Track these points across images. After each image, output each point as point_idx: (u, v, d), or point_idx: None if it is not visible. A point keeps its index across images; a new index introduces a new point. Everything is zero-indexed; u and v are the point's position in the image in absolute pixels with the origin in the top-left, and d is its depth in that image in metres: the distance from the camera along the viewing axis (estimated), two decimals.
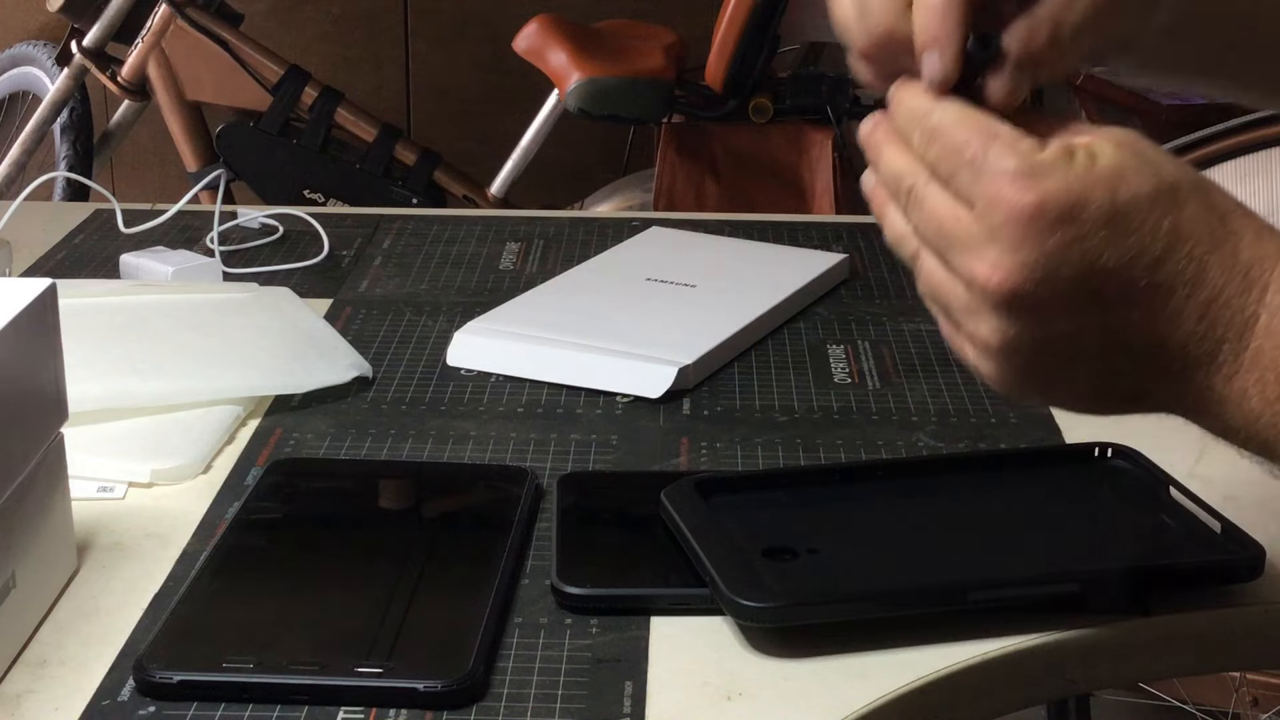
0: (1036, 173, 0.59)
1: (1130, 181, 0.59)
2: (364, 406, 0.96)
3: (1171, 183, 0.60)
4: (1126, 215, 0.59)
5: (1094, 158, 0.60)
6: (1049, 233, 0.59)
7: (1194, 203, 0.60)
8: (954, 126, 0.61)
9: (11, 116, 3.02)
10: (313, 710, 0.66)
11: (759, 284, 1.11)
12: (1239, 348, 0.60)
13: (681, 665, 0.70)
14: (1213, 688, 2.02)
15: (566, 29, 2.47)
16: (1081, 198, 0.59)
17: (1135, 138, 0.61)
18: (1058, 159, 0.60)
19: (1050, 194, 0.59)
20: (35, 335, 0.71)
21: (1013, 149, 0.60)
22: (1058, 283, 0.59)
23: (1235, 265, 0.59)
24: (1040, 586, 0.73)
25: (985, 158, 0.60)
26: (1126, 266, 0.59)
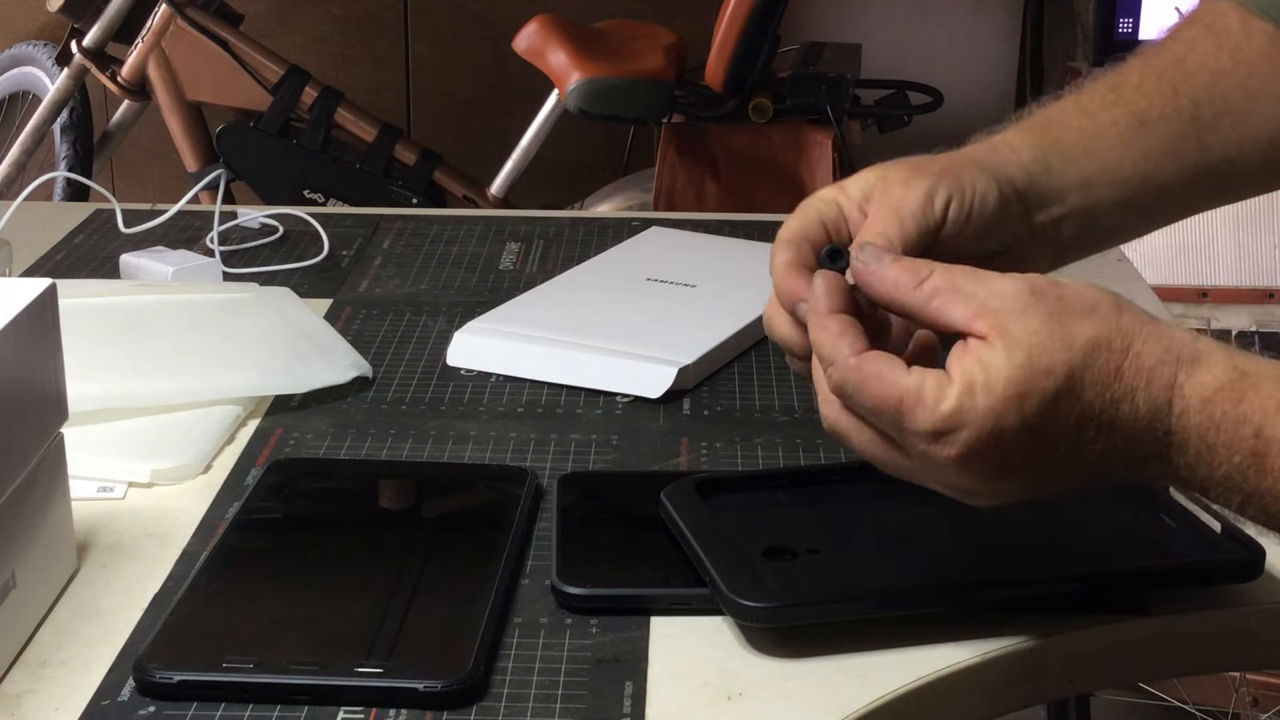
0: (952, 426, 0.65)
1: (1031, 395, 0.65)
2: (364, 406, 0.96)
3: (1065, 374, 0.65)
4: (1039, 422, 0.65)
5: (991, 383, 0.65)
6: (980, 467, 0.66)
7: (1089, 380, 0.66)
8: (858, 392, 0.68)
9: (11, 116, 3.02)
10: (313, 710, 0.66)
11: (759, 284, 1.10)
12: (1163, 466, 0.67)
13: (681, 665, 0.70)
14: (1213, 688, 2.02)
15: (566, 29, 2.47)
16: (997, 429, 0.65)
17: (1030, 305, 0.66)
18: (961, 404, 0.65)
19: (971, 441, 0.65)
20: (35, 335, 0.71)
21: (921, 409, 0.66)
22: (998, 486, 0.68)
23: (1136, 420, 0.66)
24: (1040, 586, 0.73)
25: (901, 422, 0.66)
26: (1050, 454, 0.66)
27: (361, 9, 3.25)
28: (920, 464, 0.68)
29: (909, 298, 0.68)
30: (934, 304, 0.68)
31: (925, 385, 0.66)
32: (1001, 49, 3.31)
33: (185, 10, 2.65)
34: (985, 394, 0.65)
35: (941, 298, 0.68)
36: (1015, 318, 0.66)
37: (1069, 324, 0.66)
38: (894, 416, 0.67)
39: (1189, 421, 0.65)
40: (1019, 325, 0.66)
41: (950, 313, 0.67)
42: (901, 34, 3.27)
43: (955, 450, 0.66)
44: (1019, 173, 0.79)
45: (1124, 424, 0.66)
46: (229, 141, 2.62)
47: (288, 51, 2.75)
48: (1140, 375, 0.66)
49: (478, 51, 3.22)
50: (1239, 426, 0.65)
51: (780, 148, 2.43)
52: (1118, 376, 0.66)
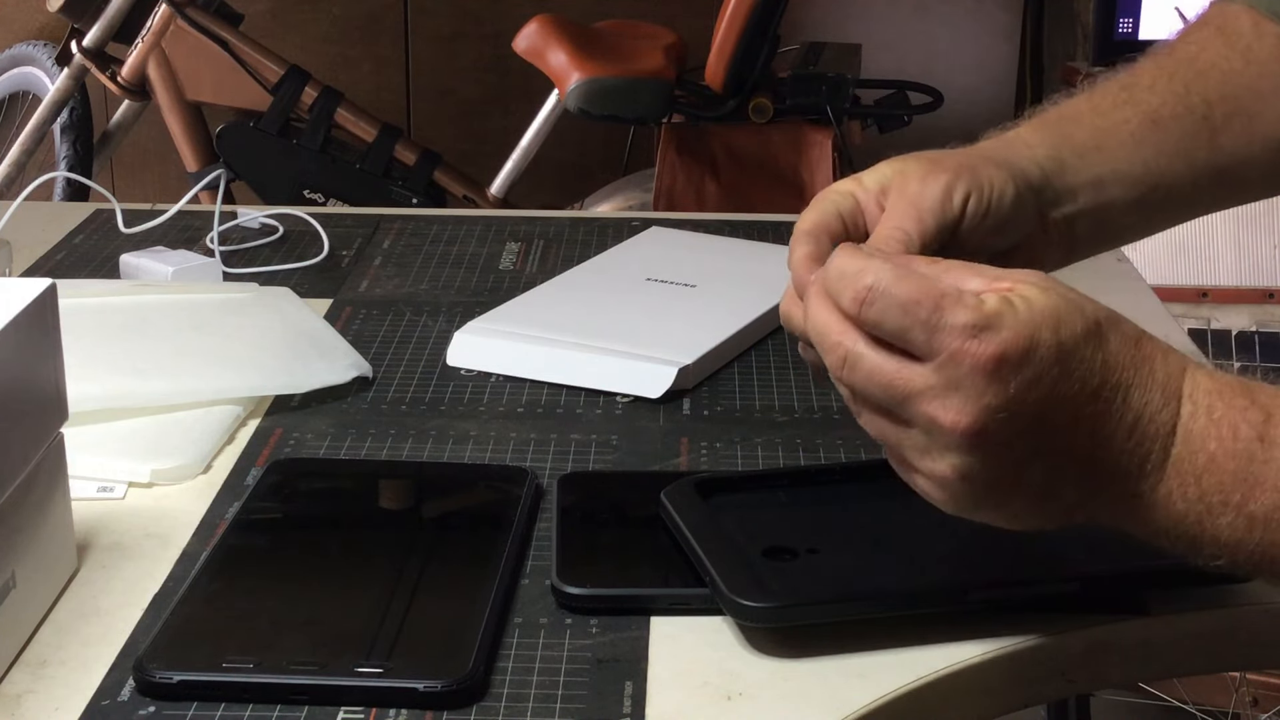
0: (992, 324, 0.64)
1: (1067, 321, 0.65)
2: (364, 406, 0.96)
3: (1096, 320, 0.65)
4: (1070, 353, 0.64)
5: (1030, 302, 0.64)
6: (1010, 378, 0.64)
7: (1115, 335, 0.66)
8: (895, 285, 0.65)
9: (11, 116, 3.02)
10: (313, 710, 0.66)
11: (759, 284, 1.11)
12: (1162, 457, 0.66)
13: (681, 665, 0.70)
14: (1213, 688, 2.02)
15: (566, 29, 2.47)
16: (1033, 341, 0.64)
17: (1053, 280, 0.67)
18: (1003, 307, 0.64)
19: (1008, 343, 0.63)
20: (35, 335, 0.71)
21: (962, 304, 0.64)
22: (1017, 420, 0.64)
23: (1153, 384, 0.66)
24: (1040, 586, 0.73)
25: (940, 315, 0.64)
26: (1073, 398, 0.65)
27: (361, 9, 3.25)
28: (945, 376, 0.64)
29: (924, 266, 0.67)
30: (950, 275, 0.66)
31: (964, 289, 0.64)
32: (1001, 49, 3.31)
33: (185, 10, 2.66)
34: (1025, 309, 0.64)
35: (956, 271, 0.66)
36: (1039, 278, 0.66)
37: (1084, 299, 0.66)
38: (931, 311, 0.64)
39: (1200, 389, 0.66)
40: (1045, 280, 0.66)
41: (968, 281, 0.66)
42: (901, 34, 3.27)
43: (993, 348, 0.63)
44: (1034, 169, 0.79)
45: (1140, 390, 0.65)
46: (229, 141, 2.63)
47: (288, 51, 2.75)
48: (1156, 351, 0.66)
49: (478, 51, 3.22)
50: (1247, 411, 0.65)
51: (780, 148, 2.43)
52: (1136, 346, 0.66)
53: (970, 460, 0.65)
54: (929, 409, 0.65)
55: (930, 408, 0.65)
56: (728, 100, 2.41)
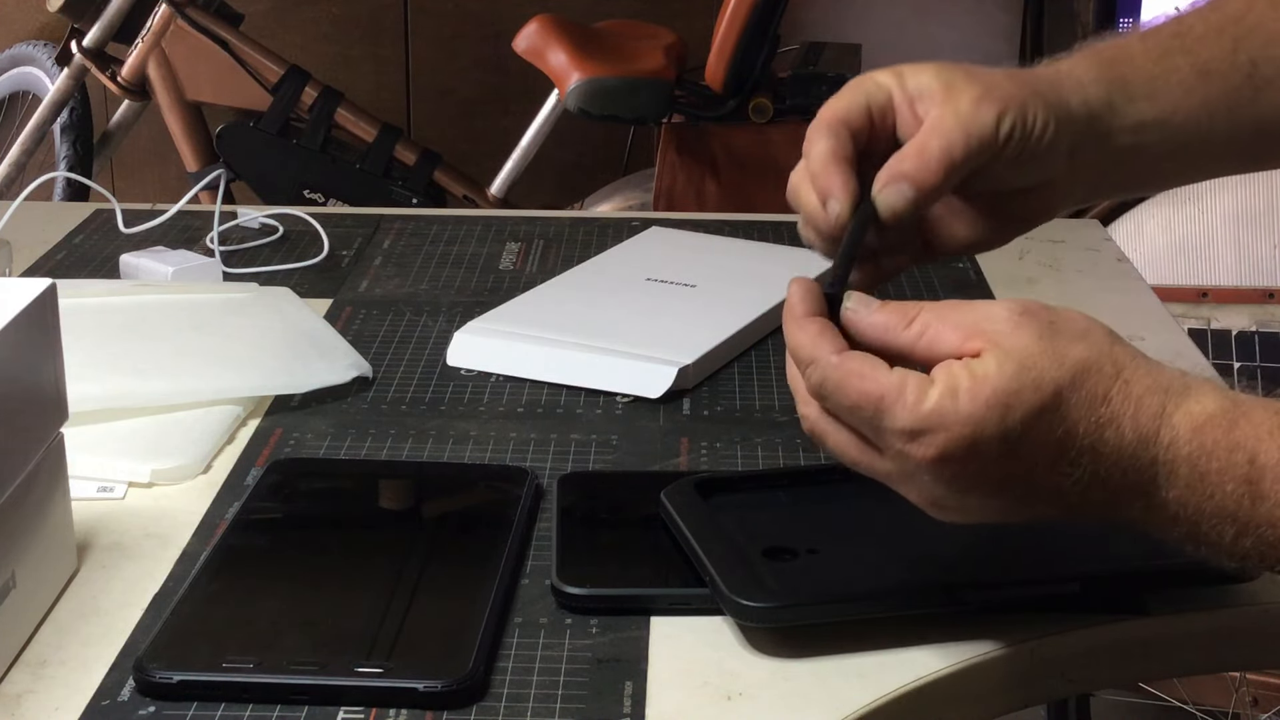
0: (930, 426, 0.64)
1: (1015, 407, 0.64)
2: (364, 406, 0.96)
3: (1053, 390, 0.65)
4: (1018, 438, 0.64)
5: (978, 388, 0.64)
6: (956, 474, 0.65)
7: (1076, 400, 0.65)
8: (839, 389, 0.66)
9: (11, 116, 3.02)
10: (313, 710, 0.66)
11: (759, 284, 1.11)
12: (1146, 504, 0.66)
13: (681, 665, 0.70)
14: (1213, 688, 2.02)
15: (566, 29, 2.47)
16: (975, 437, 0.64)
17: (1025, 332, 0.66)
18: (943, 402, 0.64)
19: (948, 443, 0.64)
20: (35, 335, 0.71)
21: (902, 405, 0.65)
22: (972, 499, 0.67)
23: (1122, 446, 0.65)
24: (1040, 586, 0.73)
25: (880, 418, 0.65)
26: (1029, 472, 0.65)
27: (361, 9, 3.25)
28: (896, 467, 0.67)
29: (899, 338, 0.68)
30: (925, 339, 0.67)
31: (908, 384, 0.65)
32: (1001, 49, 3.31)
33: (185, 10, 2.65)
34: (969, 399, 0.64)
35: (932, 331, 0.67)
36: (1007, 335, 0.65)
37: (1060, 343, 0.65)
38: (873, 414, 0.65)
39: (1179, 451, 0.64)
40: (1011, 340, 0.65)
41: (942, 343, 0.67)
42: (901, 34, 3.27)
43: (931, 452, 0.65)
44: (1081, 109, 0.77)
45: (1108, 451, 0.65)
46: (229, 141, 2.62)
47: (288, 51, 2.75)
48: (1128, 402, 0.65)
49: (478, 51, 3.22)
50: (1232, 453, 0.64)
51: (780, 148, 2.43)
52: (1105, 401, 0.65)
53: (948, 517, 0.68)
54: (895, 486, 0.68)
55: (896, 486, 0.68)
56: (728, 100, 2.41)
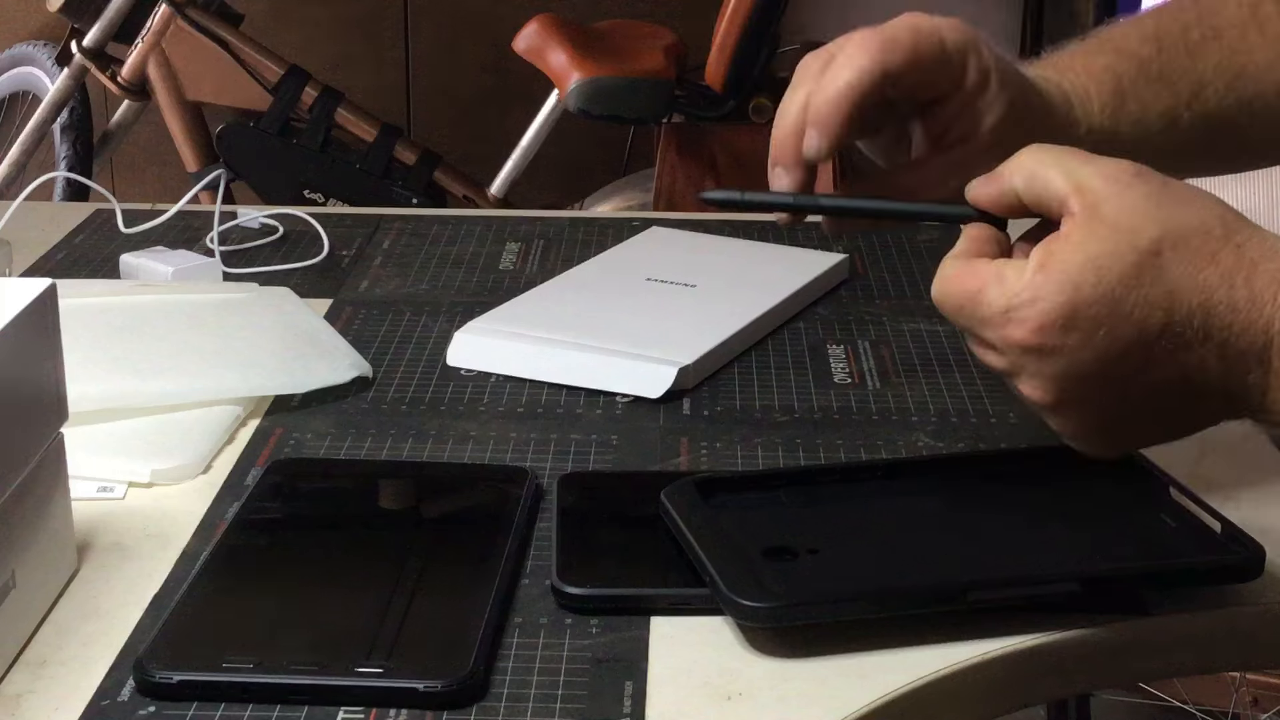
0: (1025, 302, 0.65)
1: (1112, 268, 0.64)
2: (364, 406, 0.96)
3: (1150, 248, 0.63)
4: (1118, 300, 0.64)
5: (1071, 257, 0.64)
6: (1059, 348, 0.65)
7: (1179, 258, 0.63)
8: (947, 291, 0.68)
9: (11, 116, 3.02)
10: (313, 710, 0.66)
11: (759, 284, 1.11)
12: (1264, 371, 0.64)
13: (681, 665, 0.70)
14: (1213, 688, 2.02)
15: (566, 29, 2.47)
16: (1072, 305, 0.64)
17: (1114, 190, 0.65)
18: (1037, 278, 0.65)
19: (1045, 315, 0.64)
20: (35, 335, 0.71)
21: (996, 289, 0.66)
22: (1087, 381, 0.65)
23: (1235, 305, 0.63)
24: (1040, 586, 0.73)
25: (979, 310, 0.66)
26: (1138, 341, 0.64)
27: (361, 9, 3.25)
28: (1007, 361, 0.67)
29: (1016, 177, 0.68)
30: (1039, 173, 0.67)
31: (1003, 270, 0.65)
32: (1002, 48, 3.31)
33: (185, 10, 2.66)
34: (1058, 269, 0.63)
35: (1046, 168, 0.67)
36: (1110, 197, 0.65)
37: (1167, 205, 0.64)
38: (974, 309, 0.66)
39: None
40: (1113, 204, 0.64)
41: (1053, 179, 0.66)
42: None
43: (1029, 327, 0.64)
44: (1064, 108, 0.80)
45: (1221, 311, 0.63)
46: (229, 141, 2.62)
47: (288, 51, 2.75)
48: (1241, 263, 0.63)
49: (478, 51, 3.22)
50: None
51: None
52: (1213, 261, 0.63)
53: (1069, 421, 0.68)
54: (1016, 386, 0.68)
55: (1016, 385, 0.68)
56: (728, 100, 2.41)
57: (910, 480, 0.82)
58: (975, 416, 0.95)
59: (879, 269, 1.20)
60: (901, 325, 1.09)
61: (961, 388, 0.98)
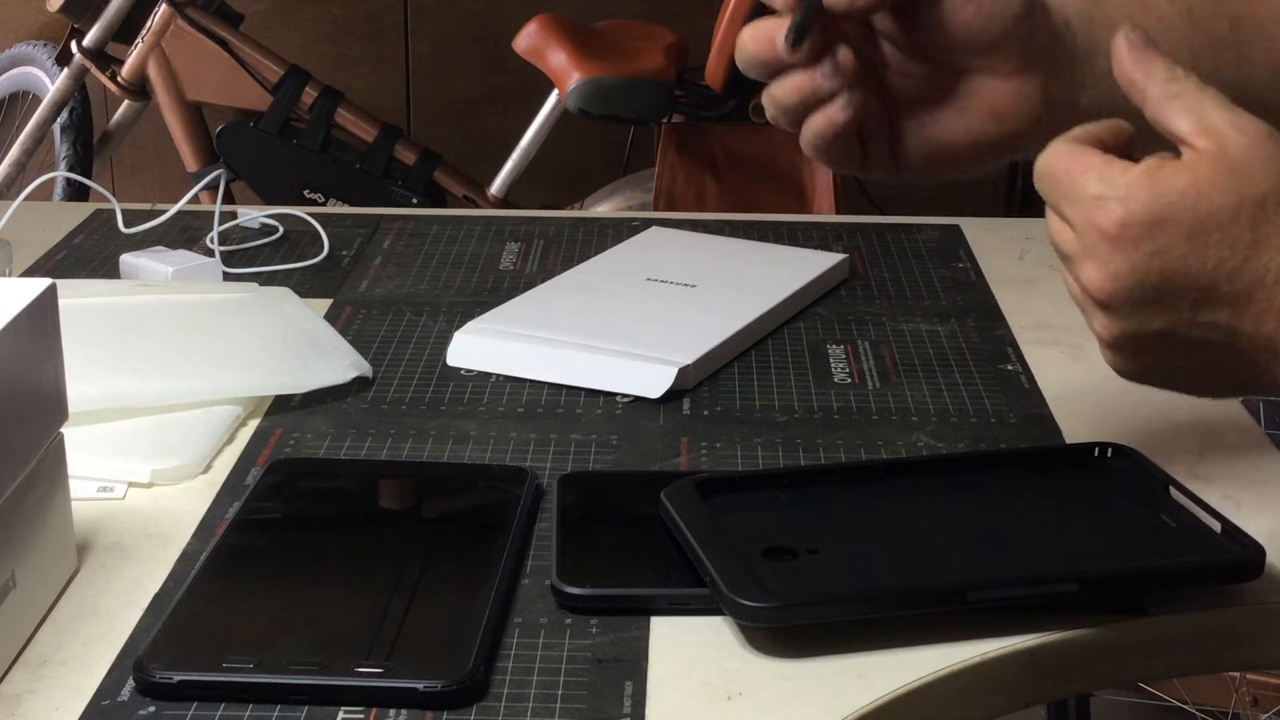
0: (1120, 196, 0.65)
1: (1213, 198, 0.64)
2: (364, 406, 0.96)
3: (1257, 197, 0.64)
4: (1205, 231, 0.65)
5: (1178, 175, 0.65)
6: (1133, 247, 0.65)
7: None
8: (1051, 163, 0.69)
9: (11, 116, 3.02)
10: (313, 710, 0.66)
11: (759, 284, 1.11)
12: None
13: (681, 665, 0.70)
14: (1213, 688, 2.02)
15: (566, 29, 2.47)
16: (1162, 215, 0.65)
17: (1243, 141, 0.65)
18: (1141, 179, 0.65)
19: (1132, 214, 0.65)
20: (35, 335, 0.71)
21: (1098, 175, 0.66)
22: (1145, 289, 0.66)
23: None
24: (1040, 586, 0.73)
25: (1075, 187, 0.67)
26: (1207, 274, 0.65)
27: (361, 9, 3.25)
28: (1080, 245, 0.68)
29: (1155, 87, 0.68)
30: (1172, 103, 0.67)
31: (1113, 161, 0.67)
32: None
33: (185, 10, 2.65)
34: (1167, 178, 0.65)
35: (1181, 101, 0.67)
36: (1238, 145, 0.65)
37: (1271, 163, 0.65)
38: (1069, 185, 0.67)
39: None
40: (1239, 150, 0.65)
41: (1180, 119, 0.67)
42: None
43: (1111, 219, 0.65)
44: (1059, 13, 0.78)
45: None
46: (229, 141, 2.62)
47: (288, 51, 2.75)
48: None
49: (478, 51, 3.22)
50: None
51: (780, 148, 2.43)
52: None
53: (1113, 323, 0.68)
54: (1077, 271, 0.69)
55: (1077, 270, 0.69)
56: (728, 100, 2.41)
57: (910, 480, 0.83)
58: (975, 416, 0.95)
59: (879, 269, 1.20)
60: (901, 325, 1.09)
61: (961, 388, 0.99)
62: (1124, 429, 0.91)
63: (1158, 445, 0.84)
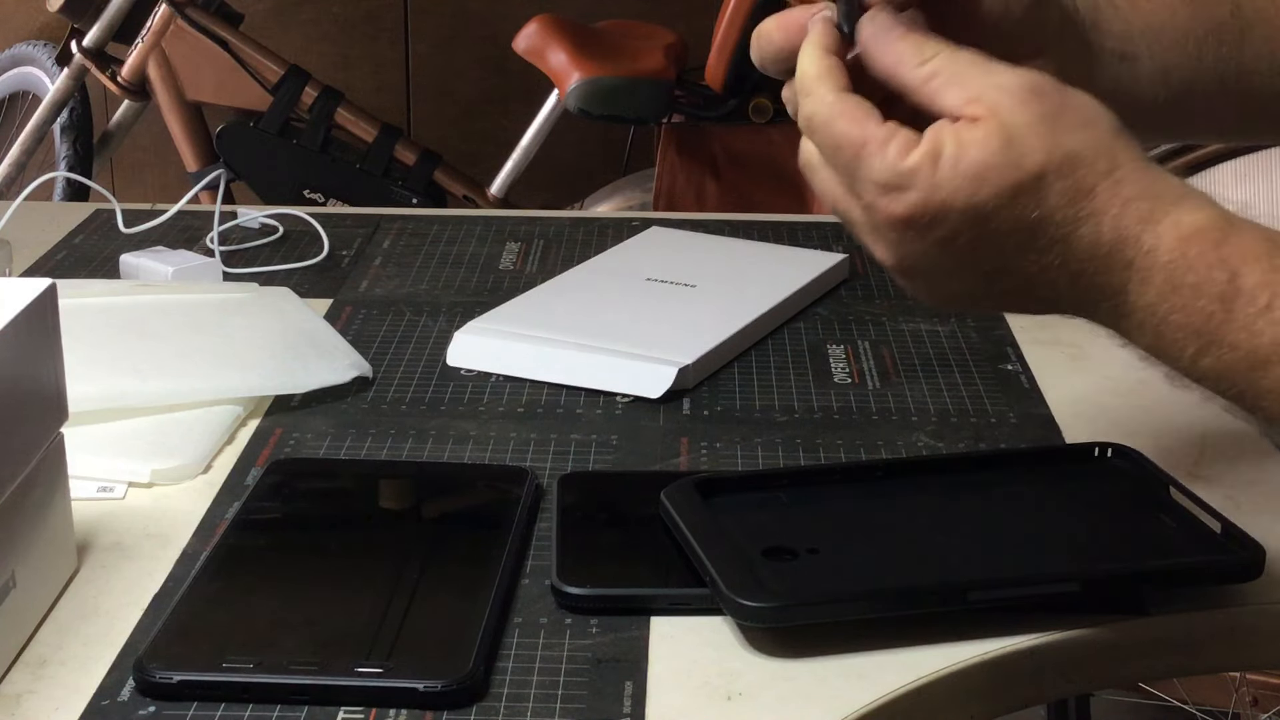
0: (902, 184, 0.65)
1: (991, 181, 0.64)
2: (364, 406, 0.96)
3: (1035, 172, 0.64)
4: (988, 214, 0.65)
5: (958, 159, 0.64)
6: (919, 237, 0.66)
7: (1060, 189, 0.64)
8: (826, 125, 0.67)
9: (11, 116, 3.02)
10: (313, 710, 0.66)
11: (759, 284, 1.11)
12: (1115, 306, 0.66)
13: (681, 665, 0.70)
14: (1213, 688, 2.02)
15: (566, 29, 2.47)
16: (945, 204, 0.65)
17: (1012, 105, 0.65)
18: (921, 165, 0.65)
19: (915, 206, 0.65)
20: (35, 335, 0.71)
21: (881, 157, 0.65)
22: (938, 270, 0.67)
23: (1098, 245, 0.65)
24: (1040, 586, 0.73)
25: (858, 165, 0.66)
26: (996, 252, 0.66)
27: (361, 9, 3.25)
28: (866, 220, 0.67)
29: (908, 75, 0.67)
30: (930, 85, 0.67)
31: (894, 137, 0.65)
32: None
33: (185, 10, 2.65)
34: (948, 166, 0.64)
35: (940, 80, 0.67)
36: (1009, 109, 0.65)
37: (1060, 130, 0.65)
38: (852, 159, 0.66)
39: (1158, 259, 0.64)
40: (1010, 115, 0.65)
41: (945, 97, 0.66)
42: None
43: (899, 209, 0.65)
44: None
45: (1084, 246, 0.65)
46: (229, 141, 2.62)
47: (288, 51, 2.75)
48: (1115, 201, 0.65)
49: (478, 51, 3.22)
50: (1212, 270, 0.64)
51: (780, 148, 2.43)
52: (1090, 195, 0.65)
53: (910, 284, 0.69)
54: (864, 239, 0.68)
55: (864, 238, 0.68)
56: (728, 100, 2.41)
57: (910, 480, 0.83)
58: (975, 416, 0.95)
59: (879, 269, 1.19)
60: (901, 325, 1.09)
61: (961, 388, 0.99)
62: (1124, 429, 0.91)
63: (1158, 445, 0.84)
